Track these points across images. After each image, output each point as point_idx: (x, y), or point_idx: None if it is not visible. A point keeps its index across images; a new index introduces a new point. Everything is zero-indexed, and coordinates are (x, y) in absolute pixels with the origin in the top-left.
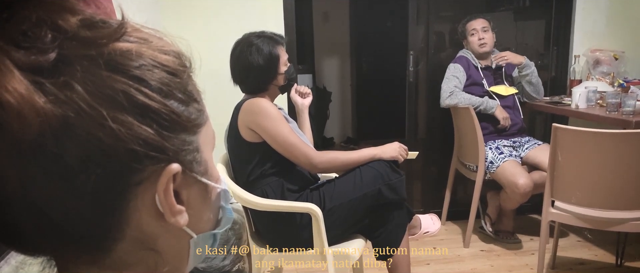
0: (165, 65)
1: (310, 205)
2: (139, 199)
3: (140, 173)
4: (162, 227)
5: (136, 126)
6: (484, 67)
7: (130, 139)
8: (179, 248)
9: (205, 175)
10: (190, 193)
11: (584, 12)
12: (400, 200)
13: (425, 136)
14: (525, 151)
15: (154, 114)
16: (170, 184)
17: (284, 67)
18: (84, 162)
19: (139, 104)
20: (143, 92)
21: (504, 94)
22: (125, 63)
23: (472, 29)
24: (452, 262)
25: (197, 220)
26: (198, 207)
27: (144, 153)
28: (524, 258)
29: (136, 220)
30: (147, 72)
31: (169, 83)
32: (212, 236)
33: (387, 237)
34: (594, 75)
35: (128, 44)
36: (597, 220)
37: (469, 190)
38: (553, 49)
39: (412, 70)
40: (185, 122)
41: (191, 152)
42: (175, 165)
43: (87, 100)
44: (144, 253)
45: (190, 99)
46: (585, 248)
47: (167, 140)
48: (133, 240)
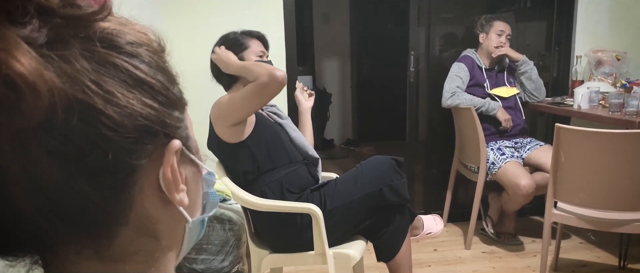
0: (148, 44)
1: (310, 205)
2: (144, 179)
3: (147, 150)
4: (163, 209)
5: (139, 100)
6: (488, 68)
7: (136, 114)
8: (175, 233)
9: (197, 155)
10: (187, 173)
11: (586, 12)
12: (403, 202)
13: (426, 137)
14: (527, 152)
15: (152, 89)
16: (175, 160)
17: (252, 55)
18: (93, 141)
19: (139, 79)
20: (139, 68)
21: (505, 96)
22: (116, 40)
23: (500, 29)
24: (453, 264)
25: (192, 202)
26: (193, 189)
27: (150, 129)
28: (526, 260)
29: (140, 202)
30: (136, 50)
31: (157, 62)
32: (201, 222)
33: (388, 238)
34: (596, 76)
35: (111, 25)
36: (600, 221)
37: (470, 192)
38: (555, 49)
39: (413, 70)
40: (175, 99)
41: (184, 129)
42: (177, 142)
43: (91, 76)
44: (144, 240)
45: (174, 78)
46: (588, 250)
47: (165, 116)
48: (135, 226)
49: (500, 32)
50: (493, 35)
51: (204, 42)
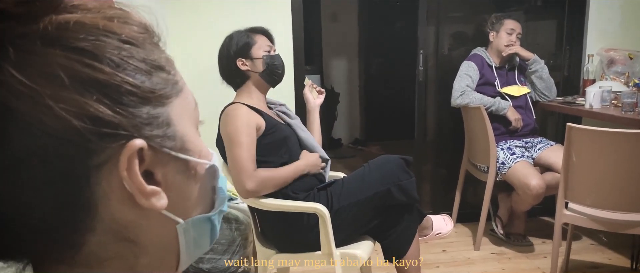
0: (116, 33)
1: (317, 205)
2: (105, 184)
3: (99, 154)
4: (138, 213)
5: (82, 102)
6: (498, 66)
7: (77, 117)
8: (164, 238)
9: (182, 151)
10: (168, 172)
11: (598, 10)
12: (411, 202)
13: (435, 137)
14: (537, 152)
15: (104, 87)
16: (134, 162)
17: (260, 51)
18: (31, 149)
19: (83, 77)
20: (88, 64)
21: (515, 94)
22: (65, 36)
23: (510, 28)
24: (462, 264)
25: (182, 202)
26: (180, 188)
27: (96, 131)
28: (536, 261)
29: (107, 207)
30: (93, 43)
31: (123, 53)
32: (208, 221)
33: (396, 239)
34: (608, 75)
35: (68, 16)
36: (612, 222)
37: (480, 192)
38: (566, 48)
39: (422, 69)
40: (146, 93)
41: (159, 126)
42: (137, 141)
43: (22, 82)
44: (119, 246)
45: (154, 68)
46: (599, 251)
47: (124, 115)
48: (106, 231)
49: (511, 31)
50: (503, 33)
51: (213, 41)
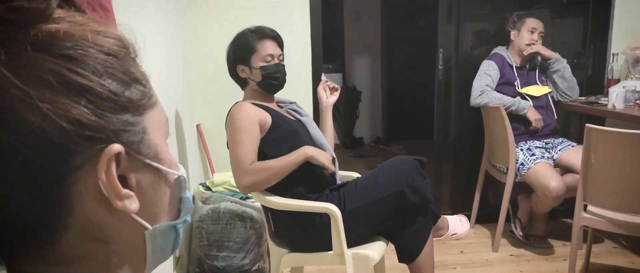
0: (101, 45)
1: (328, 205)
2: (81, 184)
3: (79, 155)
4: (111, 214)
5: (67, 105)
6: (519, 66)
7: (62, 118)
8: (133, 241)
9: (155, 159)
10: (141, 178)
11: (624, 8)
12: (425, 203)
13: (455, 137)
14: (558, 153)
15: (88, 92)
16: (112, 165)
17: (260, 62)
18: (14, 146)
19: (69, 82)
20: (74, 70)
21: (536, 95)
22: (54, 43)
23: (532, 26)
24: (480, 266)
25: (152, 208)
26: (151, 194)
27: (79, 133)
28: (556, 264)
29: (81, 207)
30: (79, 52)
31: (106, 64)
32: (173, 229)
33: (410, 239)
34: (634, 75)
35: (57, 26)
36: (632, 226)
37: (499, 193)
38: (590, 47)
39: (441, 68)
40: (126, 102)
41: (137, 134)
42: (116, 146)
43: (12, 82)
44: (93, 245)
45: (132, 80)
46: (621, 255)
47: (105, 120)
48: (80, 230)
49: (533, 30)
50: (525, 32)
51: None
